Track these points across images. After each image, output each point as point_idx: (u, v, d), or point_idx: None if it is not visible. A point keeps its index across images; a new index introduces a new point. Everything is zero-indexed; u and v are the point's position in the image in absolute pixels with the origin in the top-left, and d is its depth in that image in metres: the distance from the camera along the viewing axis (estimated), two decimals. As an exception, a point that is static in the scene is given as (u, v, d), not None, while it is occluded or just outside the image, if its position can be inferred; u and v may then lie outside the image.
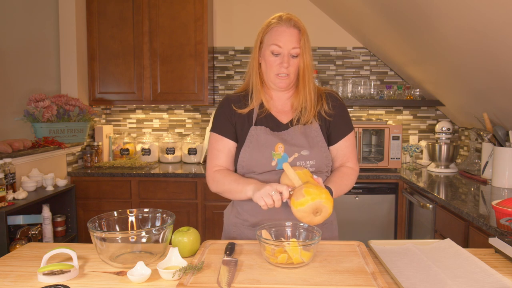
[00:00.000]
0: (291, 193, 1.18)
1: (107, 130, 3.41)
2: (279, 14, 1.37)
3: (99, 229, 1.19)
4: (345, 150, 1.44)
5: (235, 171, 1.43)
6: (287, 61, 1.32)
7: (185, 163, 3.41)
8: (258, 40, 1.39)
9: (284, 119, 1.41)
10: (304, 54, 1.33)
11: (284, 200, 1.18)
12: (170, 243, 1.21)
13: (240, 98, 1.43)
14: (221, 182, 1.36)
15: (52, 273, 1.04)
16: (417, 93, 3.30)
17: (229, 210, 1.52)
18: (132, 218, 1.27)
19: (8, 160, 2.23)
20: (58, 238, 2.58)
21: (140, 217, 1.28)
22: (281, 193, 1.17)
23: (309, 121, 1.38)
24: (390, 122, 3.50)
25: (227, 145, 1.41)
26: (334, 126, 1.42)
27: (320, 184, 1.23)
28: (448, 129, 3.04)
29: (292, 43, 1.32)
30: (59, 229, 2.59)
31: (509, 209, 1.44)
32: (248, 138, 1.37)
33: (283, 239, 1.21)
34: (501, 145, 2.36)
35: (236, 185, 1.31)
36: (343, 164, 1.46)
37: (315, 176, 1.26)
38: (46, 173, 2.61)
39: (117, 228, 1.24)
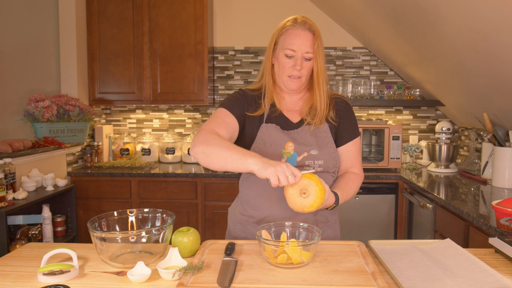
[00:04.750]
0: None
1: (107, 130, 3.41)
2: (294, 17, 1.37)
3: (99, 229, 1.19)
4: (349, 155, 1.44)
5: None
6: (300, 64, 1.34)
7: (185, 163, 3.41)
8: (272, 41, 1.39)
9: (294, 119, 1.42)
10: (318, 58, 1.35)
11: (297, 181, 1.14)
12: (170, 243, 1.21)
13: (254, 97, 1.43)
14: (214, 143, 1.19)
15: (52, 273, 1.04)
16: (417, 93, 3.30)
17: (233, 207, 1.52)
18: (132, 218, 1.28)
19: (8, 160, 2.23)
20: (58, 238, 2.58)
21: (140, 217, 1.28)
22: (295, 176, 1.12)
23: (319, 123, 1.39)
24: (390, 122, 3.50)
25: (232, 123, 1.34)
26: (341, 129, 1.43)
27: (326, 188, 1.23)
28: (448, 129, 3.04)
29: (306, 47, 1.33)
30: (59, 229, 2.59)
31: (509, 209, 1.44)
32: (259, 135, 1.39)
33: (282, 234, 1.21)
34: (501, 145, 2.36)
35: (233, 151, 1.15)
36: (348, 170, 1.45)
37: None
38: (46, 173, 2.61)
39: (117, 228, 1.24)
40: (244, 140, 1.41)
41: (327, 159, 1.37)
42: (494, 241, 1.23)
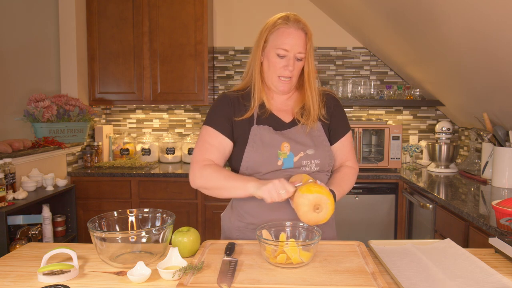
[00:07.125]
0: (297, 186, 1.19)
1: (107, 130, 3.41)
2: (285, 14, 1.33)
3: (99, 229, 1.19)
4: (343, 150, 1.45)
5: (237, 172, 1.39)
6: (292, 65, 1.30)
7: (185, 163, 3.41)
8: (261, 39, 1.34)
9: (286, 118, 1.39)
10: (309, 58, 1.33)
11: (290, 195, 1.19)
12: (170, 243, 1.21)
13: (239, 98, 1.38)
14: (212, 177, 1.27)
15: (52, 273, 1.04)
16: (417, 93, 3.30)
17: (228, 213, 1.47)
18: (132, 218, 1.28)
19: (8, 160, 2.23)
20: (58, 238, 2.58)
21: (140, 217, 1.28)
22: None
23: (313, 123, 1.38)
24: (390, 122, 3.50)
25: (222, 142, 1.34)
26: (333, 126, 1.43)
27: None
28: (448, 129, 3.04)
29: (299, 47, 1.30)
30: (59, 229, 2.59)
31: (509, 209, 1.44)
32: (251, 138, 1.33)
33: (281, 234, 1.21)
34: (501, 145, 2.36)
35: (233, 181, 1.25)
36: (343, 164, 1.47)
37: (318, 181, 1.26)
38: (46, 173, 2.61)
39: (117, 228, 1.24)
40: (237, 144, 1.36)
41: (323, 158, 1.36)
42: (494, 241, 1.23)
